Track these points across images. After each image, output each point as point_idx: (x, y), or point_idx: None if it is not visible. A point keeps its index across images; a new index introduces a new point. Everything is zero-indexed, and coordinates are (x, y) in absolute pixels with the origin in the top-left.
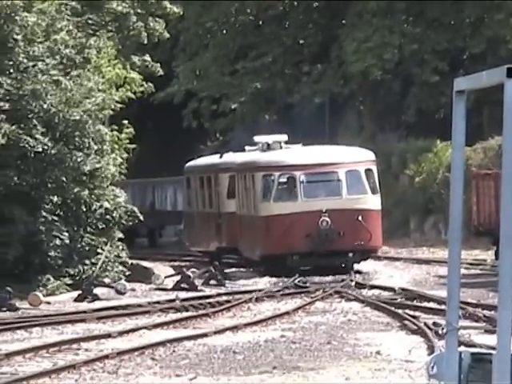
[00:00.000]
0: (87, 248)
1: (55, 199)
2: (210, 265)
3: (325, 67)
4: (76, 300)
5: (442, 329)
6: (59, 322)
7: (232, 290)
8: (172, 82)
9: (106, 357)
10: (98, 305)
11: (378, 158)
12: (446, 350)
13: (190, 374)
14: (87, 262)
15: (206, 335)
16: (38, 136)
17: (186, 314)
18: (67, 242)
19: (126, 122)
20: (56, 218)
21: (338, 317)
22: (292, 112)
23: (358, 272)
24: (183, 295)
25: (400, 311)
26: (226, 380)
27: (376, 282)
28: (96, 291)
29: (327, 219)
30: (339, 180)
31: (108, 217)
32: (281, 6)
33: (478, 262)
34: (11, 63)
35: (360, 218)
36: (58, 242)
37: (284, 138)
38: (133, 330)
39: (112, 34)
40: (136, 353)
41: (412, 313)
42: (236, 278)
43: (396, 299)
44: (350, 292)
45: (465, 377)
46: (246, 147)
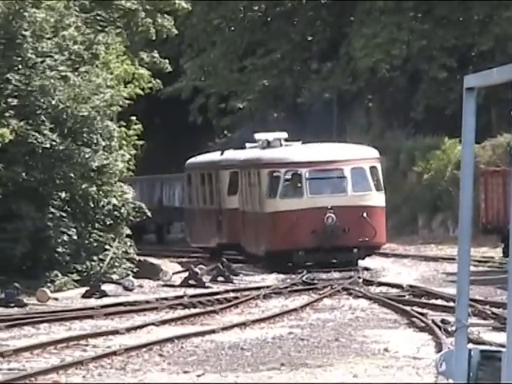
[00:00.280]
0: (95, 244)
1: (63, 195)
2: (218, 261)
3: (334, 64)
4: (84, 296)
5: (452, 326)
6: (67, 318)
7: (240, 286)
8: (180, 78)
9: (113, 353)
10: (105, 301)
11: (387, 155)
12: (456, 347)
13: (197, 370)
14: (95, 258)
15: (213, 332)
16: (46, 132)
17: (194, 311)
18: (75, 238)
19: (134, 118)
20: (64, 214)
21: (346, 314)
22: (300, 109)
23: (366, 269)
24: (191, 292)
25: (408, 308)
26: (234, 377)
27: (384, 279)
28: (104, 287)
29: (332, 215)
30: (344, 177)
31: (116, 213)
32: (289, 2)
33: (485, 260)
34: (20, 59)
35: (365, 214)
36: (65, 238)
37: (284, 135)
38: (140, 327)
39: (120, 31)
40: (144, 349)
41: (420, 310)
42: (240, 273)
43: (404, 296)
44: (357, 289)
45: (474, 374)
46: (246, 144)
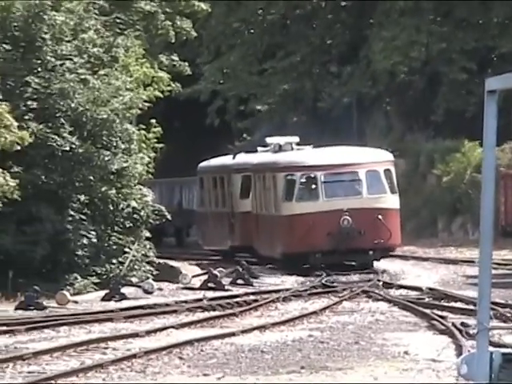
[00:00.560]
0: (114, 247)
1: (82, 198)
2: (235, 264)
3: (353, 68)
4: (103, 299)
5: (473, 329)
6: (87, 321)
7: (259, 289)
8: (199, 80)
9: (133, 356)
10: (125, 304)
11: (406, 158)
12: (477, 349)
13: (217, 373)
14: (114, 261)
15: (233, 334)
16: (65, 135)
17: (214, 314)
18: (94, 240)
19: (153, 121)
20: (83, 217)
21: (366, 316)
22: (320, 112)
23: (385, 272)
24: (210, 294)
25: (428, 311)
26: (254, 379)
27: (403, 282)
28: (123, 290)
29: (348, 218)
30: (359, 180)
31: (135, 216)
32: (309, 5)
33: (505, 262)
34: (39, 62)
35: (380, 216)
36: (85, 240)
37: (295, 139)
38: (160, 330)
39: (140, 33)
40: (163, 352)
41: (440, 313)
42: (259, 275)
43: (423, 299)
44: (377, 292)
45: (495, 377)
46: (258, 148)
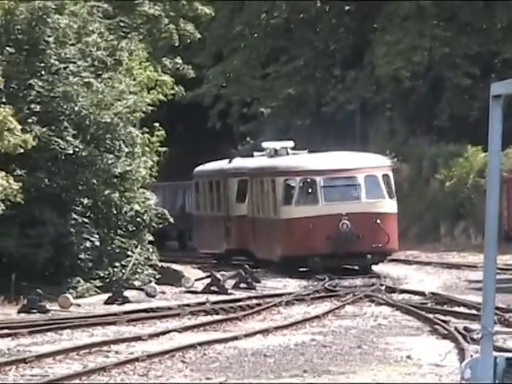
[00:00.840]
0: (117, 250)
1: (86, 201)
2: (237, 267)
3: (357, 73)
4: (106, 302)
5: (477, 333)
6: (89, 325)
7: (262, 293)
8: (202, 84)
9: (136, 359)
10: (128, 307)
11: (409, 162)
12: (482, 354)
13: (220, 377)
14: (117, 264)
15: (236, 338)
16: (68, 138)
17: (217, 317)
18: (97, 244)
19: (156, 124)
20: (86, 221)
21: (368, 321)
22: (323, 116)
23: (388, 276)
24: (213, 298)
25: (430, 316)
26: (257, 383)
27: (406, 287)
28: (126, 294)
29: (347, 222)
30: (358, 184)
31: (138, 219)
32: (313, 9)
33: (508, 267)
34: (43, 65)
35: (378, 221)
36: (88, 244)
37: (290, 144)
38: (163, 333)
39: (143, 37)
40: (166, 355)
41: (442, 317)
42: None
43: (426, 304)
44: (380, 296)
45: (500, 381)
46: (254, 153)
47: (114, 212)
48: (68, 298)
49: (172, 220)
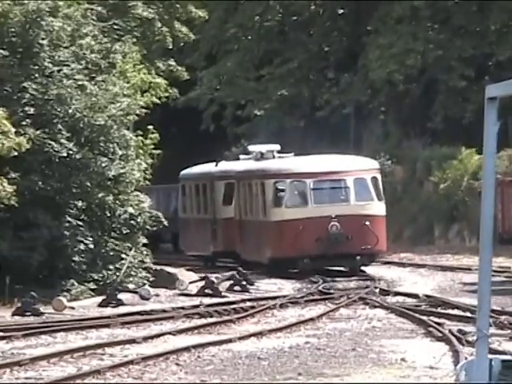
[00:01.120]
0: (111, 253)
1: (80, 204)
2: (234, 270)
3: (351, 76)
4: (100, 305)
5: (472, 336)
6: (83, 327)
7: (256, 295)
8: (196, 86)
9: (130, 362)
10: (122, 310)
11: (403, 165)
12: (477, 356)
13: (214, 379)
14: (111, 267)
15: (230, 341)
16: (62, 141)
17: (211, 320)
18: (91, 246)
19: (150, 127)
20: (80, 223)
21: (363, 323)
22: (317, 118)
23: (382, 279)
24: (207, 301)
25: (425, 318)
26: None
27: (400, 289)
28: (120, 296)
29: (337, 224)
30: (347, 187)
31: (132, 222)
32: (306, 12)
33: (502, 270)
34: (37, 68)
35: (367, 223)
36: (82, 246)
37: (277, 147)
38: (157, 336)
39: (137, 39)
40: (161, 358)
41: (437, 320)
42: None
43: (420, 306)
44: (374, 299)
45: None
46: (240, 156)
47: (108, 215)
48: (62, 301)
49: (166, 222)
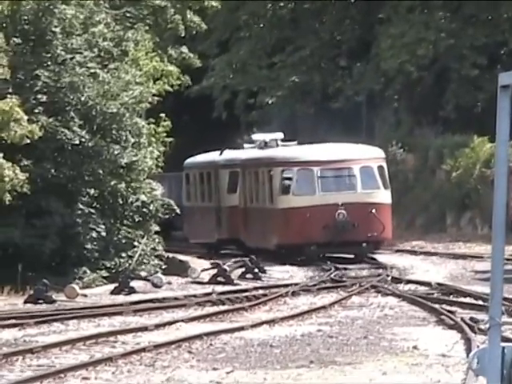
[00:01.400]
0: (124, 241)
1: (92, 192)
2: (246, 257)
3: (364, 66)
4: (112, 293)
5: (485, 324)
6: (96, 315)
7: (268, 283)
8: (208, 73)
9: (142, 350)
10: (134, 298)
11: (415, 153)
12: (489, 344)
13: (226, 367)
14: (123, 254)
15: (242, 329)
16: (75, 128)
17: (223, 308)
18: (104, 234)
19: (163, 115)
20: (93, 211)
21: (375, 311)
22: (329, 106)
23: (394, 267)
24: (219, 289)
25: (437, 306)
26: (263, 374)
27: (412, 277)
28: (132, 284)
29: (343, 212)
30: (354, 175)
31: (144, 210)
32: (318, 0)
33: None
34: (49, 56)
35: (373, 210)
36: (94, 234)
37: (280, 135)
38: (169, 323)
39: (150, 27)
40: (173, 346)
41: (449, 308)
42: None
43: (432, 294)
44: (386, 287)
45: (507, 372)
46: (244, 145)
47: (121, 202)
48: (74, 289)
49: (178, 210)
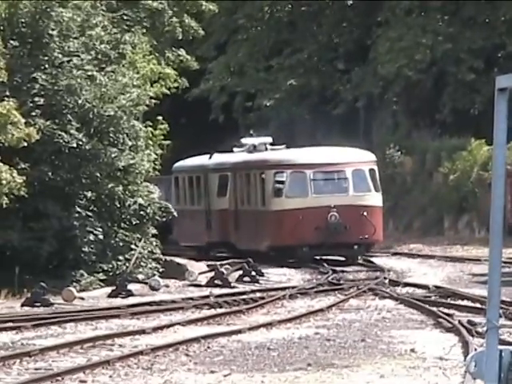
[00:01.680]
0: (121, 244)
1: (89, 195)
2: (244, 261)
3: (363, 70)
4: (110, 296)
5: (482, 327)
6: (93, 318)
7: (266, 286)
8: (205, 76)
9: (140, 353)
10: (131, 301)
11: (413, 156)
12: (487, 347)
13: (224, 370)
14: (121, 257)
15: (240, 332)
16: (72, 131)
17: (220, 311)
18: (101, 237)
19: (160, 118)
20: (90, 214)
21: (372, 314)
22: (327, 109)
23: (392, 270)
24: (217, 291)
25: (434, 309)
26: (261, 377)
27: (410, 280)
28: (130, 287)
29: (335, 214)
30: (346, 178)
31: (142, 213)
32: (316, 2)
33: (511, 261)
34: (46, 58)
35: (365, 213)
36: (91, 237)
37: (269, 140)
38: (167, 326)
39: (147, 30)
40: (170, 349)
41: (446, 311)
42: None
43: (430, 297)
44: (383, 289)
45: (505, 375)
46: (233, 148)
47: (118, 205)
48: (72, 292)
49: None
